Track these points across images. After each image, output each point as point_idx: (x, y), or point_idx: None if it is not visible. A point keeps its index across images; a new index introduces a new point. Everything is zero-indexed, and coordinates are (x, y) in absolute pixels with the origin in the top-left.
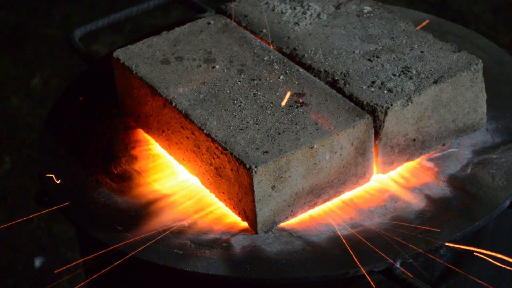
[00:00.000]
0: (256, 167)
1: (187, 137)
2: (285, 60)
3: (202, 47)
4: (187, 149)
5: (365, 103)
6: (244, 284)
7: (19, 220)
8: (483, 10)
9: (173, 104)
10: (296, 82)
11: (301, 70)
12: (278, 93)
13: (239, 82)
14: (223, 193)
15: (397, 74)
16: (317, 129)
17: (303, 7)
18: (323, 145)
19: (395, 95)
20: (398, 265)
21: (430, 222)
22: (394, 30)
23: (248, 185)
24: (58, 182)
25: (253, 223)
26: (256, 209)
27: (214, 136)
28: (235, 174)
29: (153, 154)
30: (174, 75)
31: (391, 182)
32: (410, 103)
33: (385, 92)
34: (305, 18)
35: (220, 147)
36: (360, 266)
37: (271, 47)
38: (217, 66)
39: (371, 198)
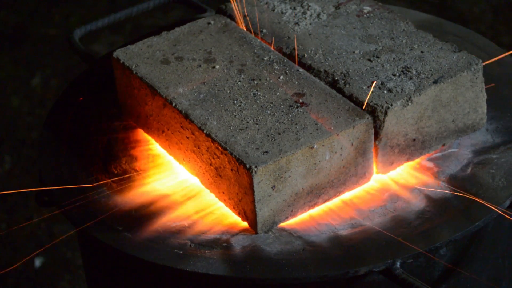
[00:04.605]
0: (256, 167)
1: (187, 137)
2: (285, 60)
3: (202, 47)
4: (187, 149)
5: (365, 103)
6: (244, 284)
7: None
8: (483, 10)
9: (173, 104)
10: (296, 82)
11: (301, 70)
12: (278, 93)
13: (239, 82)
14: (223, 193)
15: (397, 74)
16: (317, 129)
17: (303, 7)
18: (323, 145)
19: (395, 95)
20: (398, 265)
21: (430, 222)
22: (394, 30)
23: (248, 185)
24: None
25: (253, 223)
26: (256, 209)
27: (214, 136)
28: (235, 174)
29: (153, 154)
30: (174, 75)
31: (391, 182)
32: (410, 103)
33: (385, 92)
34: (305, 18)
35: (220, 147)
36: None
37: (271, 47)
38: (217, 66)
39: (371, 198)
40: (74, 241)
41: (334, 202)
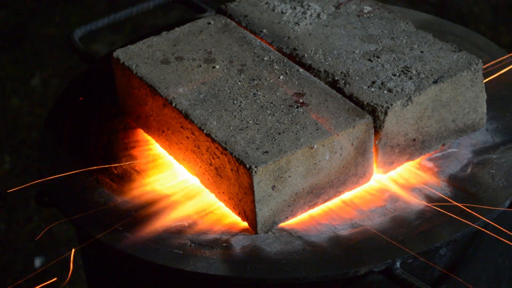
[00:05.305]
0: (256, 167)
1: (187, 137)
2: (285, 60)
3: (202, 47)
4: (187, 149)
5: (365, 103)
6: (244, 284)
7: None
8: (483, 10)
9: (173, 104)
10: (296, 82)
11: (301, 70)
12: (278, 93)
13: (239, 82)
14: (223, 193)
15: (397, 74)
16: (317, 129)
17: (303, 7)
18: (323, 145)
19: (395, 95)
20: (398, 265)
21: (430, 222)
22: (394, 30)
23: (248, 185)
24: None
25: (253, 223)
26: (256, 209)
27: (214, 136)
28: (235, 174)
29: (153, 154)
30: (174, 75)
31: (391, 182)
32: (410, 103)
33: (385, 92)
34: (305, 18)
35: (220, 147)
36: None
37: (271, 47)
38: (217, 66)
39: (371, 198)
40: (74, 241)
41: (334, 202)
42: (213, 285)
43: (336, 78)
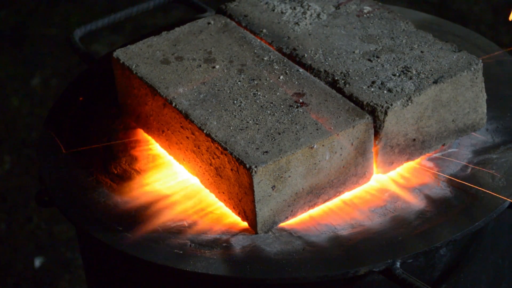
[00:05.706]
0: (256, 167)
1: (187, 137)
2: (285, 60)
3: (202, 47)
4: (187, 149)
5: (365, 103)
6: (244, 284)
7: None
8: (483, 10)
9: (173, 104)
10: (296, 82)
11: (301, 70)
12: (278, 93)
13: (239, 82)
14: (223, 193)
15: (397, 74)
16: (317, 129)
17: (303, 7)
18: (323, 145)
19: (395, 95)
20: (398, 265)
21: (430, 222)
22: (394, 30)
23: (248, 185)
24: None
25: (253, 223)
26: (256, 209)
27: (214, 136)
28: (235, 174)
29: (153, 154)
30: (174, 75)
31: (391, 182)
32: (410, 103)
33: (385, 92)
34: (305, 18)
35: (220, 147)
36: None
37: (271, 47)
38: (217, 66)
39: (371, 198)
40: (74, 241)
41: (334, 202)
42: (213, 285)
43: (336, 78)
